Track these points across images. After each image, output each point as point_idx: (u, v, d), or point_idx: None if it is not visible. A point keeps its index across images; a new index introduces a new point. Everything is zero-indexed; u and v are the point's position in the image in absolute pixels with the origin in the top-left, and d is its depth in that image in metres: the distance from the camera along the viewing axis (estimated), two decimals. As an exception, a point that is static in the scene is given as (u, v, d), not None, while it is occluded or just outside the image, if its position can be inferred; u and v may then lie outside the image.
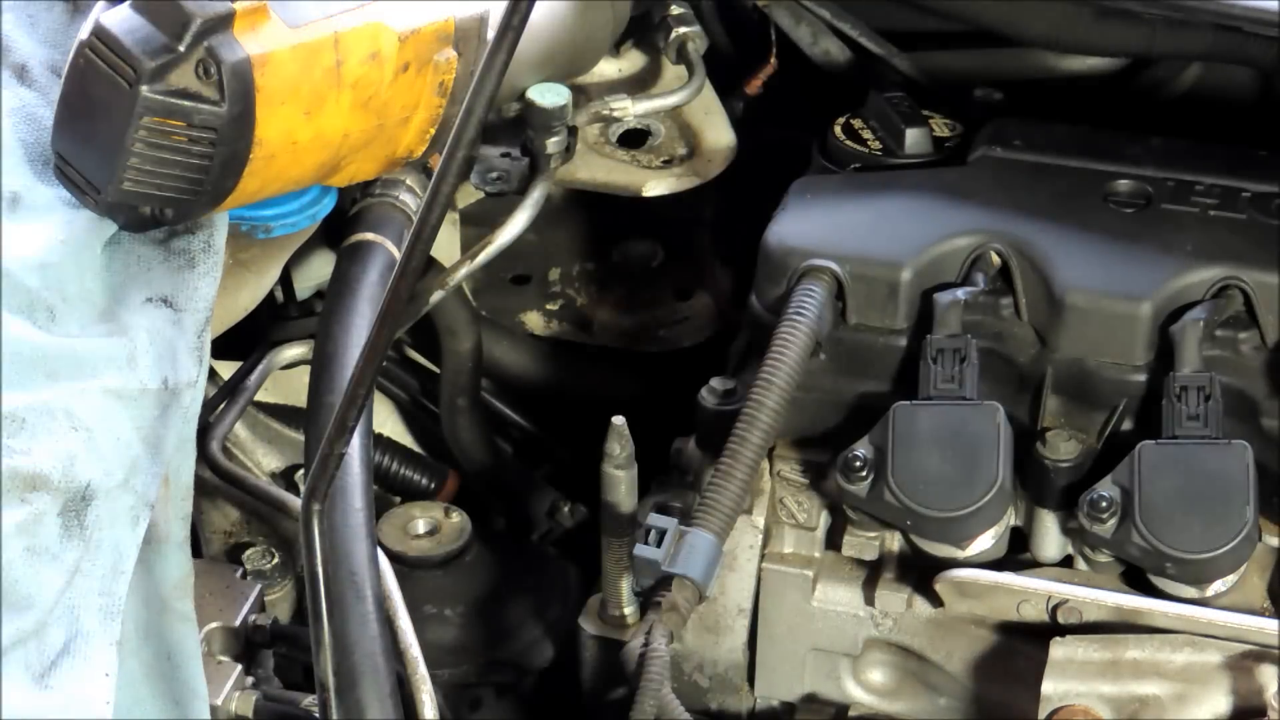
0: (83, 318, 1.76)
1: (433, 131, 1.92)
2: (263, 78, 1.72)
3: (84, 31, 1.72)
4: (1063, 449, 1.91)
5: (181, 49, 1.69)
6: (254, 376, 2.24)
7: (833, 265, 1.98)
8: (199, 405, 1.80)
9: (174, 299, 1.80)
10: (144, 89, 1.69)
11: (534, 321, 2.58)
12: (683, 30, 2.37)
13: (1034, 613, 1.90)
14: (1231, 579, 1.88)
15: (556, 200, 2.53)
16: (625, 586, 1.96)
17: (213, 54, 1.70)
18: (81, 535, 1.65)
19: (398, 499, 2.44)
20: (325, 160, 1.84)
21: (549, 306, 2.58)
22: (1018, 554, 1.95)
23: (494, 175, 2.17)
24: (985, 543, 1.92)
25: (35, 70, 1.87)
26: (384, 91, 1.84)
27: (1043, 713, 1.85)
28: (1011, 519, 1.94)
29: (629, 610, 1.98)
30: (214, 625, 1.92)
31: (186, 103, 1.70)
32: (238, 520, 2.25)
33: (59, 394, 1.69)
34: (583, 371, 2.56)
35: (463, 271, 2.13)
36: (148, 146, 1.71)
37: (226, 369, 2.28)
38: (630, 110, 2.33)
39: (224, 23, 1.71)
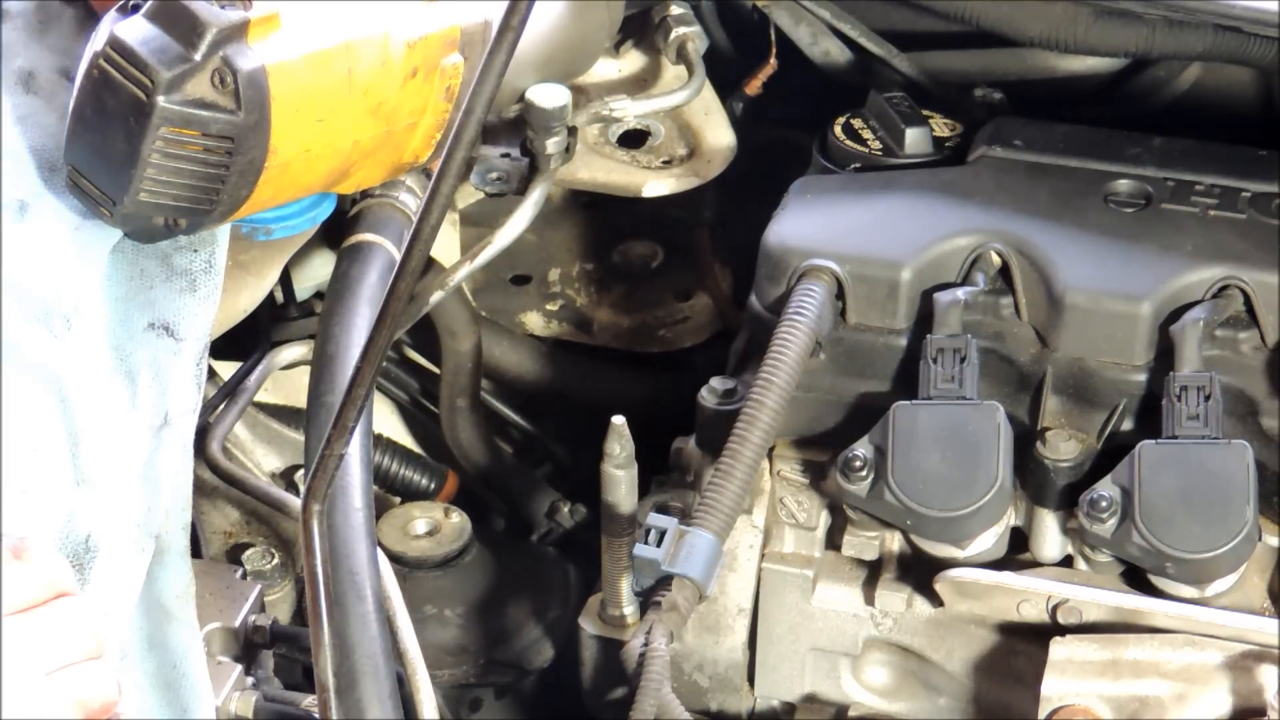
0: (93, 329, 1.75)
1: (439, 136, 1.92)
2: (277, 86, 1.72)
3: (97, 42, 1.71)
4: (1063, 449, 1.91)
5: (197, 58, 1.69)
6: (254, 377, 2.24)
7: (833, 265, 1.98)
8: (194, 425, 1.80)
9: (175, 327, 1.80)
10: (161, 99, 1.68)
11: (534, 322, 2.58)
12: (682, 30, 2.37)
13: (1034, 613, 1.90)
14: (1231, 579, 1.88)
15: (556, 201, 2.53)
16: (625, 586, 1.96)
17: (228, 63, 1.70)
18: (83, 584, 1.65)
19: (398, 499, 2.44)
20: (336, 167, 1.84)
21: (549, 307, 2.58)
22: (1018, 554, 1.96)
23: (494, 176, 2.17)
24: (985, 542, 1.92)
25: (42, 77, 1.87)
26: (393, 97, 1.84)
27: (1043, 713, 1.85)
28: (1011, 519, 1.94)
29: (629, 610, 1.98)
30: (214, 626, 1.92)
31: (203, 112, 1.70)
32: (237, 521, 2.25)
33: (65, 432, 1.68)
34: (582, 372, 2.56)
35: (462, 272, 2.13)
36: (164, 157, 1.70)
37: (226, 369, 2.28)
38: (630, 110, 2.32)
39: (239, 31, 1.70)
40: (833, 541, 2.00)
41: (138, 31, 1.70)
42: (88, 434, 1.69)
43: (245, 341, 2.24)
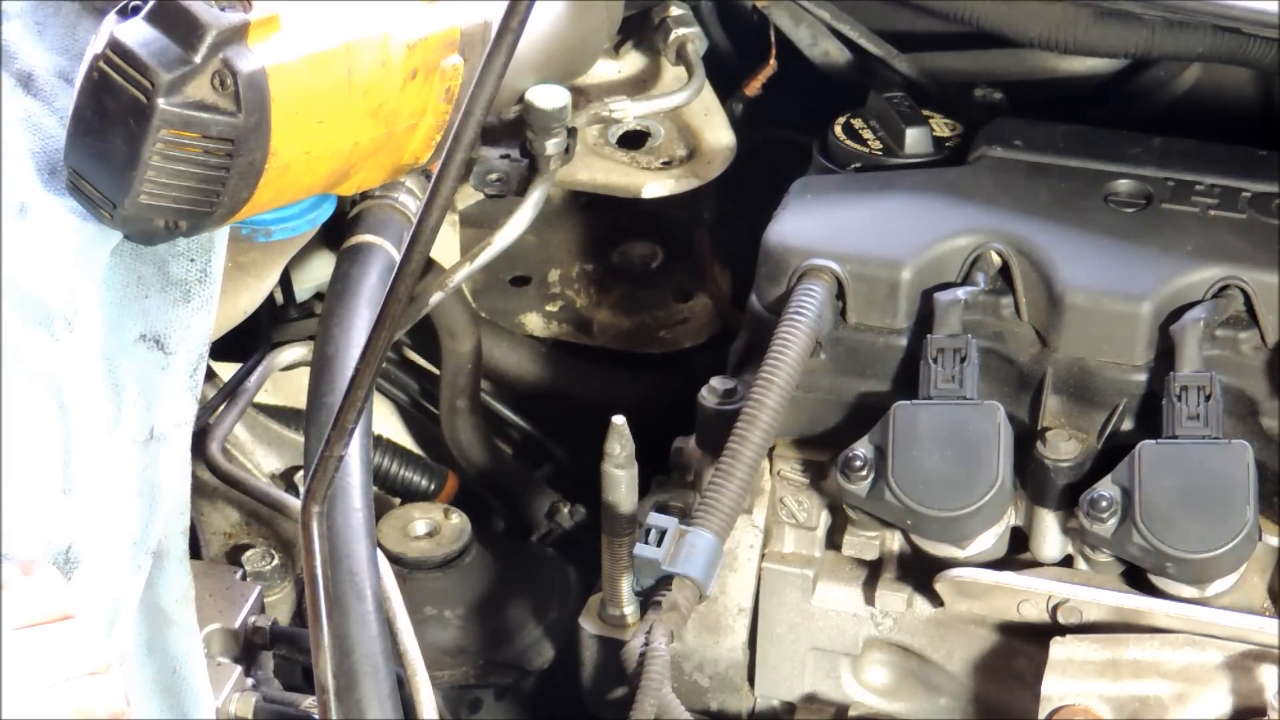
0: (91, 333, 1.75)
1: (439, 138, 1.92)
2: (277, 88, 1.72)
3: (97, 44, 1.70)
4: (1063, 449, 1.91)
5: (197, 60, 1.68)
6: (254, 378, 2.24)
7: (833, 265, 1.98)
8: (190, 435, 1.80)
9: (165, 340, 1.80)
10: (161, 101, 1.68)
11: (533, 323, 2.58)
12: (682, 31, 2.37)
13: (1034, 612, 1.90)
14: (1231, 579, 1.88)
15: (556, 202, 2.53)
16: (625, 586, 1.96)
17: (228, 65, 1.69)
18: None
19: (397, 500, 2.44)
20: (336, 169, 1.84)
21: (548, 308, 2.58)
22: (1018, 554, 1.96)
23: (493, 177, 2.17)
24: (985, 542, 1.92)
25: (41, 78, 1.86)
26: (393, 99, 1.84)
27: (1043, 713, 1.85)
28: (1011, 519, 1.94)
29: (629, 610, 1.98)
30: (214, 627, 1.92)
31: (203, 114, 1.70)
32: (237, 522, 2.25)
33: (60, 438, 1.68)
34: (582, 373, 2.56)
35: (462, 273, 2.13)
36: (165, 159, 1.70)
37: (226, 370, 2.28)
38: (630, 111, 2.32)
39: (239, 33, 1.70)
40: (833, 541, 2.00)
41: (138, 34, 1.70)
42: (79, 442, 1.69)
43: (245, 343, 2.24)
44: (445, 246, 2.48)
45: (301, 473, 2.30)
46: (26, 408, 1.66)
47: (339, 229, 2.08)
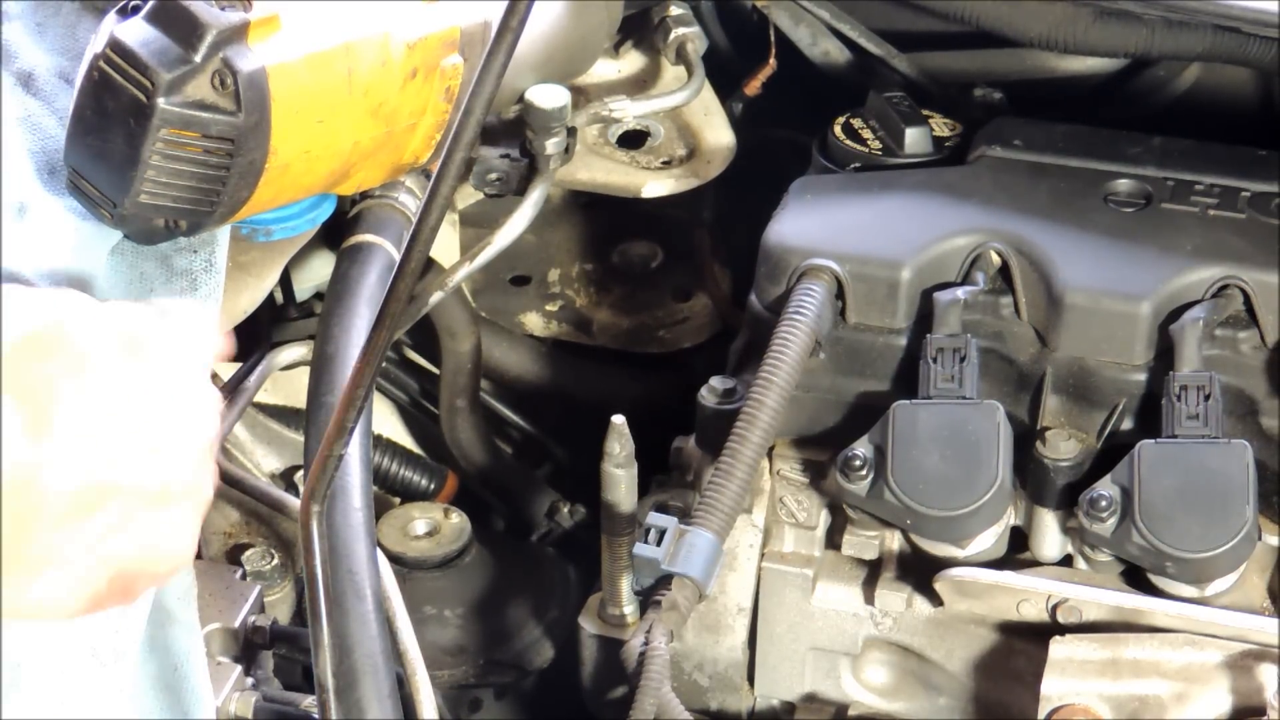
0: None
1: (438, 137, 1.92)
2: (277, 87, 1.72)
3: (97, 44, 1.70)
4: (1063, 448, 1.91)
5: (197, 60, 1.68)
6: (254, 377, 2.24)
7: (833, 265, 1.98)
8: None
9: None
10: (161, 101, 1.68)
11: (533, 322, 2.58)
12: (682, 31, 2.37)
13: (1034, 612, 1.90)
14: (1231, 578, 1.88)
15: (556, 201, 2.53)
16: (625, 586, 1.96)
17: (228, 64, 1.69)
18: None
19: (397, 500, 2.44)
20: (336, 169, 1.84)
21: (548, 307, 2.58)
22: (1018, 553, 1.96)
23: (493, 176, 2.17)
24: (985, 542, 1.92)
25: (41, 78, 1.86)
26: (393, 98, 1.84)
27: (1043, 712, 1.85)
28: (1011, 518, 1.94)
29: (629, 609, 1.98)
30: (214, 626, 1.92)
31: (203, 114, 1.69)
32: (237, 521, 2.25)
33: None
34: (582, 372, 2.56)
35: (462, 272, 2.13)
36: (164, 159, 1.70)
37: (226, 370, 2.28)
38: (629, 111, 2.32)
39: (239, 33, 1.70)
40: (833, 541, 2.00)
41: (138, 33, 1.70)
42: None
43: (245, 342, 2.24)
44: (445, 246, 2.48)
45: (301, 472, 2.30)
46: None
47: (339, 229, 2.08)
